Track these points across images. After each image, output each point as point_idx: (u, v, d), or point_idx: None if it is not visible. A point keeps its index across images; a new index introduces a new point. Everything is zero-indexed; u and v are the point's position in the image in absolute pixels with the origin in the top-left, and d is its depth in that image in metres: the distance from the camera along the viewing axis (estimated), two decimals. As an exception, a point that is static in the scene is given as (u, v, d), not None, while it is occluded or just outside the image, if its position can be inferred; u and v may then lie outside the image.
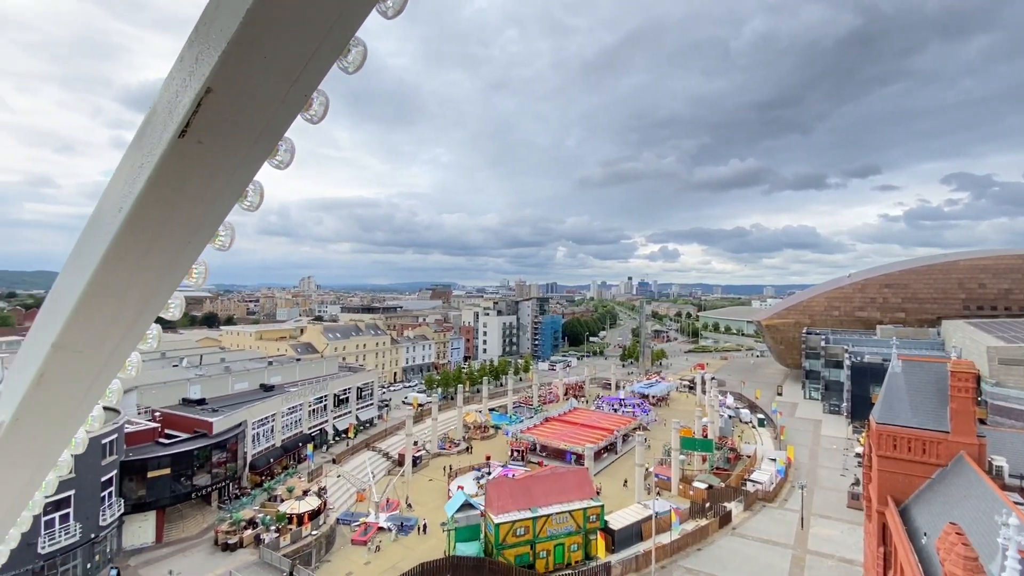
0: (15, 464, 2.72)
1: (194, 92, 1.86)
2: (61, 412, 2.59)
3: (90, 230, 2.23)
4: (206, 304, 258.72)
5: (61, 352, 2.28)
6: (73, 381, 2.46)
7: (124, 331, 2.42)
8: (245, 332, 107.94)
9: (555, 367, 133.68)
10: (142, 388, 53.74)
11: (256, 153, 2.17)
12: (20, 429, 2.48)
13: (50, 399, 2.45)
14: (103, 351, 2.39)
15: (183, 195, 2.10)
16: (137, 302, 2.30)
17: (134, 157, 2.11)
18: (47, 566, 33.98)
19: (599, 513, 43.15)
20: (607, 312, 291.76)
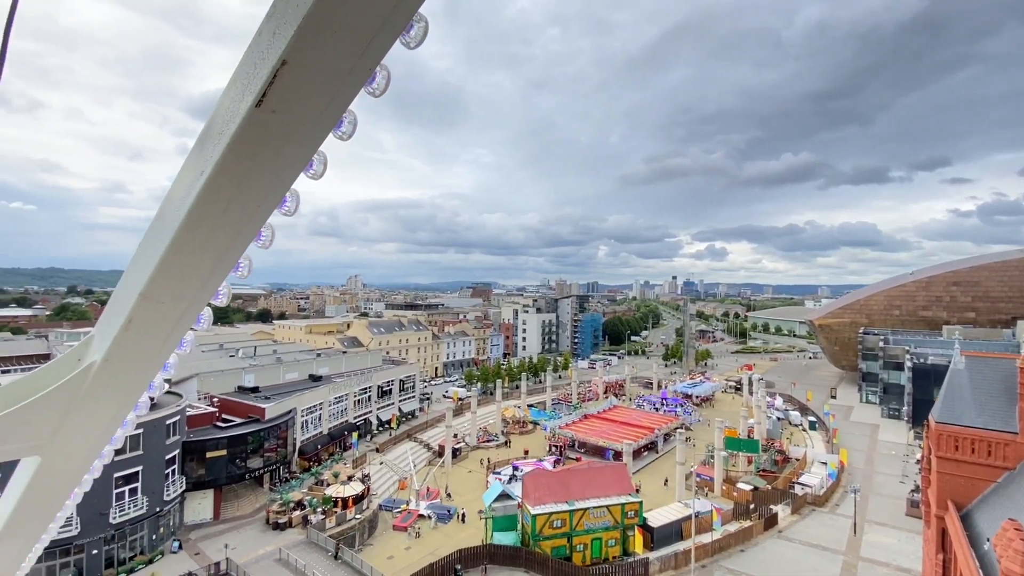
0: (103, 400, 2.99)
1: (271, 64, 2.02)
2: (143, 355, 2.84)
3: (174, 192, 2.45)
4: (260, 301, 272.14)
5: (146, 301, 2.50)
6: (155, 328, 2.68)
7: (199, 286, 2.62)
8: (296, 326, 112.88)
9: (595, 365, 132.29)
10: (202, 375, 57.33)
11: (323, 123, 2.33)
12: (109, 369, 2.76)
13: (135, 343, 2.70)
14: (181, 303, 2.61)
15: (256, 161, 2.28)
16: (212, 259, 2.51)
17: (215, 124, 2.31)
18: (117, 535, 36.92)
19: (637, 509, 42.61)
20: (650, 311, 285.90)
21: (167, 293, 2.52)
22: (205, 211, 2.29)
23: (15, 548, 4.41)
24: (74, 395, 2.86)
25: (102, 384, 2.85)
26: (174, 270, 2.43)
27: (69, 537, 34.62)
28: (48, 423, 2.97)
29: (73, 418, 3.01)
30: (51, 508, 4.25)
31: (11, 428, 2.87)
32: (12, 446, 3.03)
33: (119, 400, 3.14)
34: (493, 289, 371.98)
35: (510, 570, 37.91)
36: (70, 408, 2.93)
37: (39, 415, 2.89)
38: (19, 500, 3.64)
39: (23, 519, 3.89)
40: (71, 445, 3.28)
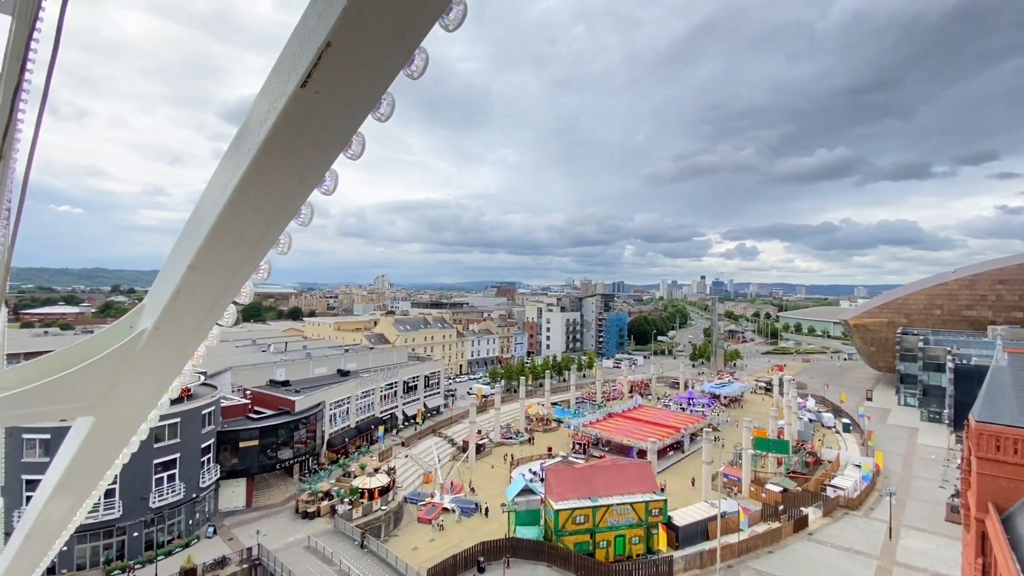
0: (152, 365, 3.15)
1: (316, 46, 2.10)
2: (190, 324, 2.97)
3: (221, 171, 2.57)
4: (291, 300, 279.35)
5: (194, 273, 2.65)
6: (201, 299, 2.82)
7: (243, 259, 2.75)
8: (325, 323, 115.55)
9: (620, 365, 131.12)
10: (236, 369, 59.34)
11: (363, 105, 2.42)
12: (159, 336, 2.92)
13: (183, 312, 2.84)
14: (226, 275, 2.75)
15: (300, 139, 2.36)
16: (255, 234, 2.64)
17: (262, 104, 2.40)
18: (156, 519, 38.62)
19: (662, 507, 42.14)
20: (677, 311, 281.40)
21: (213, 265, 2.66)
22: (251, 187, 2.41)
23: (68, 502, 4.60)
24: (126, 360, 3.01)
25: (152, 350, 3.00)
26: (220, 243, 2.56)
27: (112, 519, 36.41)
28: (101, 385, 3.13)
29: (125, 381, 3.18)
30: (102, 465, 4.39)
31: (68, 389, 3.03)
32: (68, 406, 3.21)
33: (167, 365, 3.29)
34: (517, 289, 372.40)
35: (533, 564, 38.02)
36: (122, 372, 3.09)
37: (93, 378, 3.05)
38: (73, 457, 3.84)
39: (76, 475, 4.09)
40: (122, 406, 3.43)
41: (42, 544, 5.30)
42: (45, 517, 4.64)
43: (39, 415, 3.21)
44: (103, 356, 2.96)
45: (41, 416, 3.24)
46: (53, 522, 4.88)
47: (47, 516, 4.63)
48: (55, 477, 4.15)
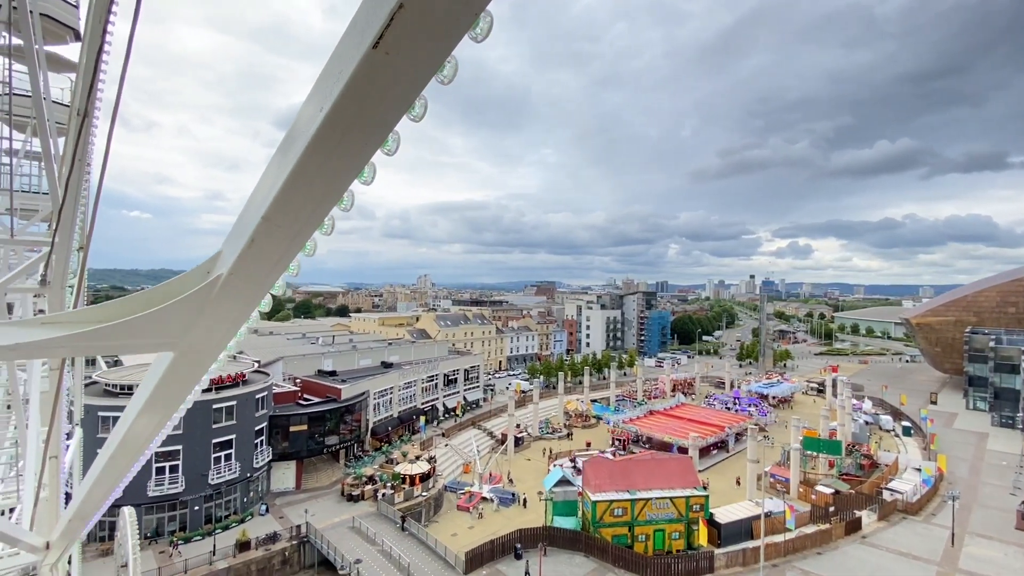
0: (226, 307, 3.37)
1: (389, 8, 2.20)
2: (261, 271, 3.18)
3: (297, 125, 2.71)
4: (339, 298, 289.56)
5: (266, 223, 2.83)
6: (272, 248, 3.00)
7: (311, 211, 2.92)
8: (370, 319, 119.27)
9: (662, 364, 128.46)
10: (287, 359, 62.32)
11: (429, 66, 2.51)
12: (233, 281, 3.13)
13: (255, 260, 3.03)
14: (295, 226, 2.94)
15: (368, 99, 2.47)
16: (323, 187, 2.79)
17: (334, 65, 2.52)
18: (215, 495, 41.21)
19: (703, 503, 41.21)
20: (724, 311, 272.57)
21: (284, 216, 2.84)
22: (322, 143, 2.54)
23: (148, 426, 5.06)
24: (203, 302, 3.25)
25: (226, 294, 3.22)
26: (292, 195, 2.73)
27: (176, 493, 39.18)
28: (181, 324, 3.38)
29: (201, 321, 3.41)
30: (179, 395, 4.69)
31: (152, 326, 3.31)
32: (152, 340, 3.53)
33: (239, 309, 3.52)
34: (557, 288, 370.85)
35: (570, 553, 38.08)
36: (200, 313, 3.32)
37: (174, 317, 3.30)
38: (155, 386, 4.23)
39: (156, 402, 4.51)
40: (198, 344, 3.70)
41: (124, 461, 5.93)
42: (129, 437, 5.17)
43: (125, 347, 3.58)
44: (182, 298, 3.22)
45: (127, 348, 3.60)
46: (135, 443, 5.43)
47: (130, 436, 5.16)
48: (139, 403, 4.59)
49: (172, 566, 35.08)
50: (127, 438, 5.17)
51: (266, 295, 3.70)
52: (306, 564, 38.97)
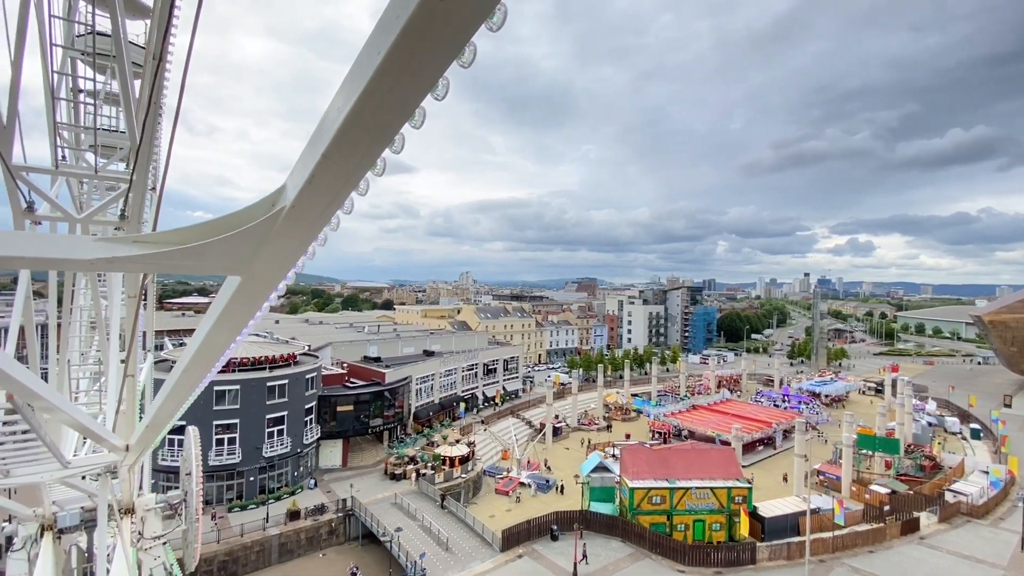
0: (288, 237, 3.66)
1: None
2: (319, 205, 3.40)
3: (352, 73, 2.83)
4: (384, 293, 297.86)
5: (325, 160, 3.00)
6: (330, 184, 3.19)
7: (365, 151, 3.07)
8: (413, 311, 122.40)
9: (707, 361, 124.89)
10: (335, 344, 65.09)
11: (480, 12, 2.60)
12: (294, 213, 3.38)
13: (315, 194, 3.25)
14: (350, 164, 3.13)
15: (422, 43, 2.56)
16: (377, 129, 2.95)
17: (392, 12, 2.61)
18: (268, 467, 43.72)
19: (746, 495, 40.09)
20: (775, 309, 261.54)
21: (341, 155, 3.00)
22: (378, 87, 2.67)
23: (217, 344, 5.46)
24: (268, 231, 3.51)
25: (288, 225, 3.48)
26: (348, 136, 2.88)
27: (233, 463, 41.88)
28: (248, 250, 3.66)
29: (266, 249, 3.69)
30: (244, 317, 4.98)
31: (223, 251, 3.59)
32: (222, 264, 3.82)
33: (298, 240, 3.80)
34: (599, 285, 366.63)
35: (606, 538, 38.03)
36: (265, 241, 3.59)
37: (243, 243, 3.57)
38: (224, 308, 4.55)
39: (224, 322, 4.86)
40: (263, 270, 3.98)
41: (192, 379, 6.61)
42: (197, 357, 5.63)
43: (199, 267, 3.84)
44: (250, 227, 3.48)
45: (201, 269, 3.87)
46: (203, 362, 5.88)
47: (199, 356, 5.61)
48: (208, 325, 4.96)
49: (229, 529, 37.58)
50: (196, 358, 5.65)
51: (322, 230, 3.92)
52: (351, 536, 40.78)
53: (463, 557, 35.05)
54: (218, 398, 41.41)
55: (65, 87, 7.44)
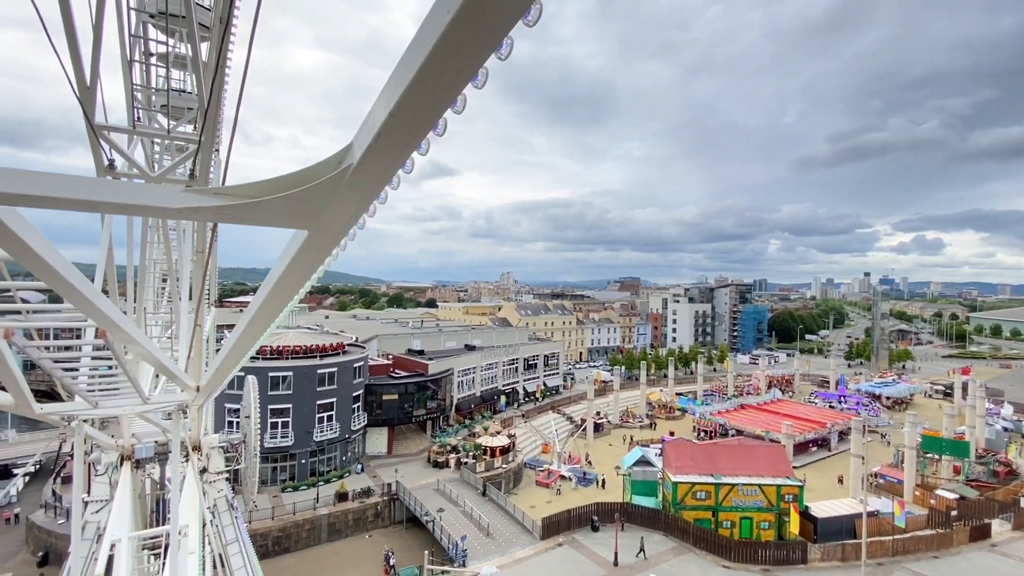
0: (353, 193, 3.77)
1: None
2: (384, 162, 3.52)
3: (421, 33, 2.85)
4: (427, 292, 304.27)
5: (392, 119, 3.08)
6: (395, 142, 3.28)
7: (431, 107, 3.14)
8: (455, 308, 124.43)
9: (757, 361, 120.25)
10: (381, 337, 67.19)
11: None
12: (360, 171, 3.49)
13: (380, 153, 3.34)
14: (416, 121, 3.22)
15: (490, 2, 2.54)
16: (440, 91, 3.00)
17: None
18: (318, 451, 45.71)
19: (796, 494, 38.51)
20: (831, 309, 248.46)
21: (407, 113, 3.07)
22: (445, 46, 2.70)
23: (282, 296, 5.64)
24: (335, 188, 3.62)
25: (354, 182, 3.59)
26: (415, 94, 2.94)
27: (287, 446, 44.06)
28: (316, 206, 3.80)
29: (332, 204, 3.81)
30: (309, 270, 5.11)
31: (293, 206, 3.74)
32: (292, 218, 3.99)
33: (363, 196, 3.93)
34: (642, 285, 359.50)
35: (648, 531, 37.44)
36: (331, 197, 3.71)
37: (311, 199, 3.69)
38: (290, 262, 4.73)
39: (290, 276, 5.03)
40: (329, 224, 4.13)
41: (258, 329, 6.97)
42: (263, 308, 5.89)
43: (270, 220, 3.97)
44: (319, 183, 3.61)
45: (272, 221, 4.00)
46: (267, 314, 6.14)
47: (265, 307, 5.88)
48: (274, 278, 5.16)
49: (282, 508, 39.58)
50: (261, 310, 5.99)
51: (385, 187, 4.04)
52: (395, 519, 42.02)
53: (503, 543, 35.47)
54: (272, 384, 43.66)
55: (139, 50, 8.23)
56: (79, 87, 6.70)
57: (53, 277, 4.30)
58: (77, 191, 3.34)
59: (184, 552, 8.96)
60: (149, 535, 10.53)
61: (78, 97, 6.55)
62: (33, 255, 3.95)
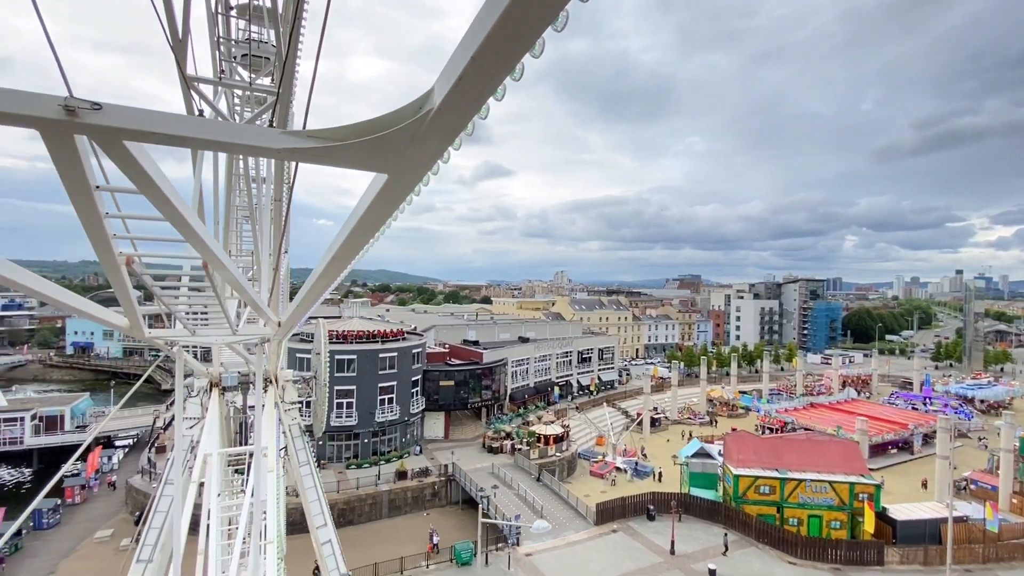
0: (433, 138, 3.83)
1: None
2: (463, 108, 3.58)
3: None
4: (482, 291, 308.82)
5: (474, 63, 3.11)
6: (475, 86, 3.32)
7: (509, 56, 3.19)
8: (509, 303, 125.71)
9: (829, 360, 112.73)
10: (438, 327, 69.17)
11: None
12: (441, 114, 3.56)
13: (461, 96, 3.39)
14: (495, 67, 3.25)
15: None
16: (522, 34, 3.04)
17: None
18: (379, 431, 47.80)
19: (872, 493, 35.98)
20: (915, 308, 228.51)
21: (488, 57, 3.10)
22: None
23: (359, 240, 5.85)
24: (415, 132, 3.71)
25: (434, 126, 3.65)
26: (497, 38, 2.96)
27: (351, 425, 46.42)
28: (397, 150, 3.88)
29: (412, 148, 3.88)
30: (385, 215, 5.26)
31: (375, 149, 3.82)
32: (373, 162, 4.09)
33: (442, 140, 3.99)
34: (704, 283, 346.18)
35: (706, 523, 36.37)
36: (412, 141, 3.79)
37: (393, 143, 3.80)
38: (368, 205, 4.89)
39: (367, 221, 5.24)
40: (407, 168, 4.24)
41: (335, 270, 7.30)
42: (341, 251, 6.16)
43: (356, 163, 4.09)
44: (400, 128, 3.72)
45: (355, 164, 4.13)
46: (346, 255, 6.40)
47: (343, 250, 6.13)
48: (354, 221, 5.39)
49: (347, 483, 41.76)
50: (339, 252, 6.23)
51: (461, 132, 4.11)
52: (452, 500, 43.23)
53: (557, 526, 35.59)
54: (338, 366, 46.09)
55: (223, 3, 9.10)
56: (172, 39, 7.46)
57: (171, 210, 4.74)
58: (200, 130, 3.69)
59: (263, 470, 9.93)
60: (234, 452, 11.87)
61: (172, 48, 7.31)
62: (156, 189, 4.31)
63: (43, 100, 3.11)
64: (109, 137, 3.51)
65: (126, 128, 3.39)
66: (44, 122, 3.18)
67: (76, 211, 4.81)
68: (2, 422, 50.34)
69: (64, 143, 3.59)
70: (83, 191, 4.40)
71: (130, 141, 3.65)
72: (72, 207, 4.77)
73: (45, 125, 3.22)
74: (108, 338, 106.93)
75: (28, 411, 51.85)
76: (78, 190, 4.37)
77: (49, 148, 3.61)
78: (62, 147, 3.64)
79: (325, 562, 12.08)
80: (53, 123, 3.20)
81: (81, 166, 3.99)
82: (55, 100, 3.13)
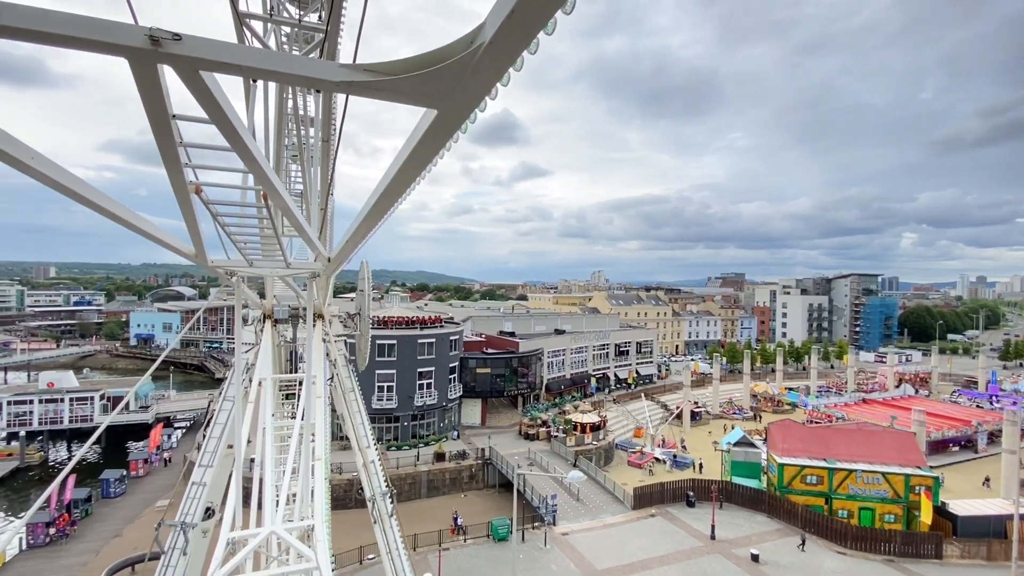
0: (483, 72, 3.78)
1: None
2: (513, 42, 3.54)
3: None
4: (518, 289, 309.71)
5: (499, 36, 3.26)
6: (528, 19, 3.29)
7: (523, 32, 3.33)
8: (545, 298, 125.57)
9: (883, 359, 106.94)
10: (475, 318, 70.08)
11: None
12: (492, 49, 3.54)
13: (513, 30, 3.37)
14: (517, 37, 3.42)
15: None
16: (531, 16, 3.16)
17: None
18: (418, 415, 48.86)
19: (930, 485, 34.04)
20: (981, 307, 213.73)
21: (507, 37, 3.18)
22: None
23: (408, 176, 5.87)
24: (465, 67, 3.68)
25: (485, 60, 3.59)
26: (513, 14, 3.02)
27: (391, 408, 47.68)
28: (446, 84, 3.86)
29: (462, 83, 3.86)
30: (433, 151, 5.31)
31: (427, 84, 3.83)
32: (422, 97, 4.06)
33: (491, 75, 3.94)
34: (747, 281, 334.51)
35: (749, 512, 35.39)
36: (462, 76, 3.76)
37: (444, 77, 3.78)
38: (419, 140, 4.93)
39: (418, 155, 5.28)
40: (457, 103, 4.19)
41: (383, 207, 7.41)
42: (390, 187, 6.26)
43: (406, 97, 4.14)
44: (450, 63, 3.72)
45: (407, 99, 4.18)
46: (394, 191, 6.46)
47: (391, 186, 6.22)
48: (403, 156, 5.41)
49: (387, 463, 42.89)
50: (389, 188, 6.31)
51: (510, 67, 4.05)
52: (488, 483, 43.70)
53: (594, 508, 35.51)
54: (379, 351, 47.42)
55: None
56: (226, -26, 7.90)
57: (237, 141, 4.92)
58: (270, 62, 3.85)
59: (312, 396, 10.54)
60: (286, 379, 12.70)
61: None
62: (224, 118, 4.47)
63: (131, 30, 3.20)
64: (188, 67, 3.62)
65: (204, 58, 3.51)
66: (132, 51, 3.26)
67: (155, 139, 4.97)
68: (75, 401, 54.43)
69: (149, 72, 3.74)
70: (163, 120, 4.57)
71: (205, 72, 3.78)
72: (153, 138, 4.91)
73: (133, 54, 3.32)
74: (167, 330, 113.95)
75: (97, 391, 55.86)
76: (158, 119, 4.53)
77: (136, 77, 3.76)
78: (147, 76, 3.78)
79: (371, 479, 12.74)
80: (140, 52, 3.28)
81: (162, 95, 4.20)
82: (142, 30, 3.20)
